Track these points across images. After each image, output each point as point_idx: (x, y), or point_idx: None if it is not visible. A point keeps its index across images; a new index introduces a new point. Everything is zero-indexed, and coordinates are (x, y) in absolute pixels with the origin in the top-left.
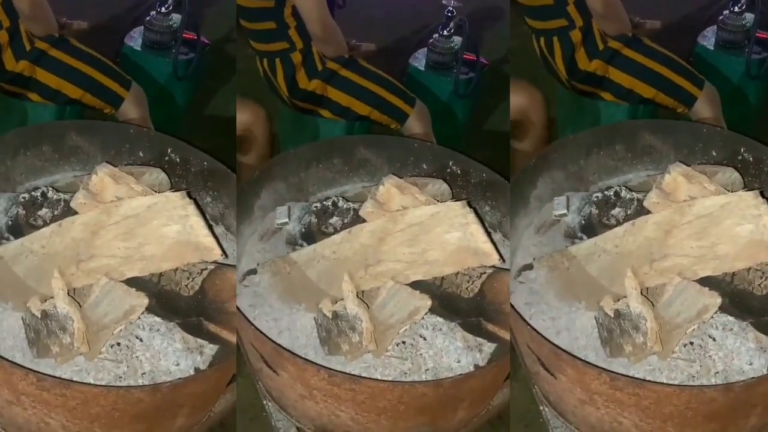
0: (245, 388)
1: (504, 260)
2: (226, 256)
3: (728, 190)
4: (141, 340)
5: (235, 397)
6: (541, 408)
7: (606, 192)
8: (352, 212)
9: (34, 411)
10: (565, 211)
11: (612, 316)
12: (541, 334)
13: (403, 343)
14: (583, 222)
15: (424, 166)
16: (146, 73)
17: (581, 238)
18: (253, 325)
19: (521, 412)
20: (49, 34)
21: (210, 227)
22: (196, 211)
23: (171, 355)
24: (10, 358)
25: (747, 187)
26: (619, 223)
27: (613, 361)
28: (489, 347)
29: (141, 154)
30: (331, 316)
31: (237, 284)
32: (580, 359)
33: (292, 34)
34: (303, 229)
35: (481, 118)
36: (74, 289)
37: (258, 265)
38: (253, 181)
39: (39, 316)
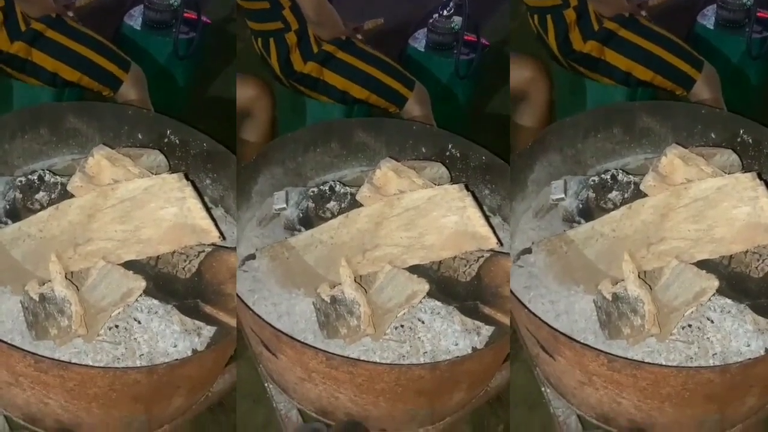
0: (247, 371)
1: (502, 244)
2: (224, 238)
3: (726, 173)
4: (139, 323)
5: (234, 377)
6: (543, 389)
7: (603, 175)
8: (349, 197)
9: (33, 392)
10: (562, 195)
11: (610, 299)
12: (539, 318)
13: (402, 326)
14: (581, 206)
15: (423, 150)
16: (146, 53)
17: (579, 222)
18: (252, 310)
19: (524, 394)
20: (46, 14)
21: (207, 209)
22: (194, 193)
23: (169, 337)
24: (9, 341)
25: (746, 169)
26: (616, 207)
27: (612, 344)
28: (487, 330)
29: (140, 136)
30: (329, 301)
31: (236, 269)
32: (577, 341)
33: (286, 14)
34: (301, 214)
35: (482, 100)
36: (72, 272)
37: (257, 250)
38: (251, 166)
39: (37, 299)
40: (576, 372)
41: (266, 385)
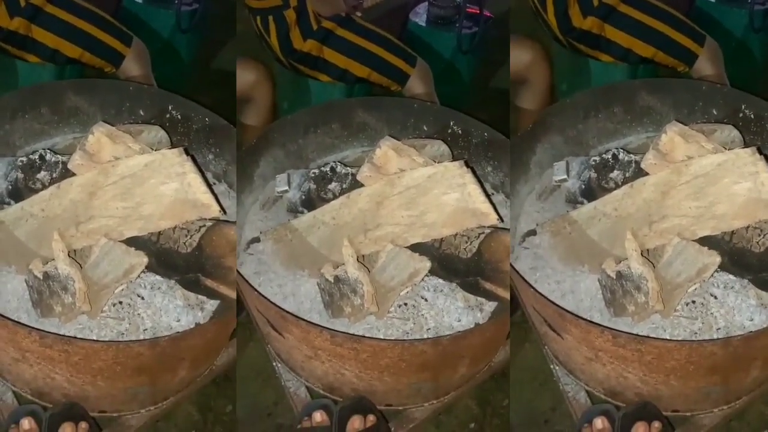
0: (257, 352)
1: (503, 220)
2: (225, 212)
3: (727, 149)
4: (142, 298)
5: (237, 352)
6: (552, 367)
7: (604, 155)
8: (350, 177)
9: (39, 367)
10: (565, 177)
11: (614, 277)
12: (545, 297)
13: (405, 304)
14: (583, 186)
15: (425, 128)
16: (148, 26)
17: (582, 203)
18: (257, 290)
19: (535, 372)
20: None
21: (208, 184)
22: (194, 167)
23: (172, 311)
24: (16, 319)
25: (747, 144)
26: (618, 186)
27: (618, 321)
28: (490, 306)
29: (142, 113)
30: (333, 281)
31: (241, 252)
32: (582, 319)
33: None
34: (303, 196)
35: (486, 75)
36: (74, 250)
37: (261, 233)
38: (252, 149)
39: (41, 277)
40: (583, 348)
41: (275, 364)
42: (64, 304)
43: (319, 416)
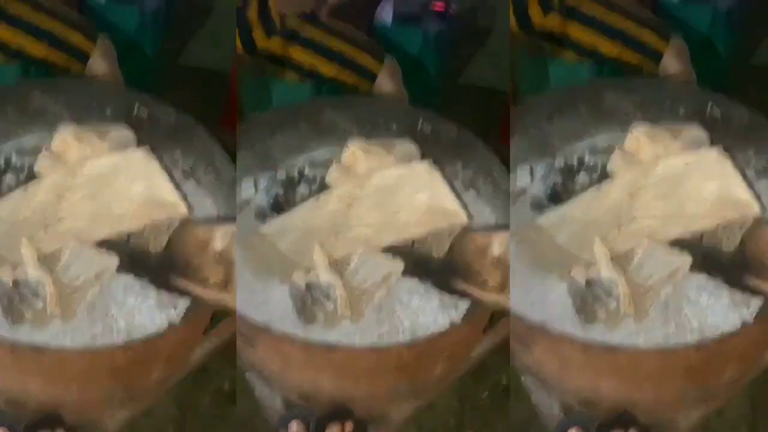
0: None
1: (472, 218)
2: (192, 211)
3: (694, 149)
4: (115, 300)
5: (213, 345)
6: (522, 378)
7: (570, 158)
8: (319, 179)
9: (12, 378)
10: (528, 181)
11: (584, 284)
12: (509, 310)
13: (380, 307)
14: (549, 191)
15: (394, 127)
16: (112, 22)
17: (548, 208)
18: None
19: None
20: None
21: (175, 182)
22: (159, 167)
23: (145, 311)
24: None
25: (714, 143)
26: (584, 190)
27: (590, 328)
28: (464, 304)
29: (108, 112)
30: (304, 287)
31: None
32: (551, 331)
33: None
34: (271, 201)
35: (455, 72)
36: (44, 254)
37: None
38: None
39: (10, 284)
40: (553, 360)
41: (247, 375)
42: (36, 310)
43: (295, 427)
